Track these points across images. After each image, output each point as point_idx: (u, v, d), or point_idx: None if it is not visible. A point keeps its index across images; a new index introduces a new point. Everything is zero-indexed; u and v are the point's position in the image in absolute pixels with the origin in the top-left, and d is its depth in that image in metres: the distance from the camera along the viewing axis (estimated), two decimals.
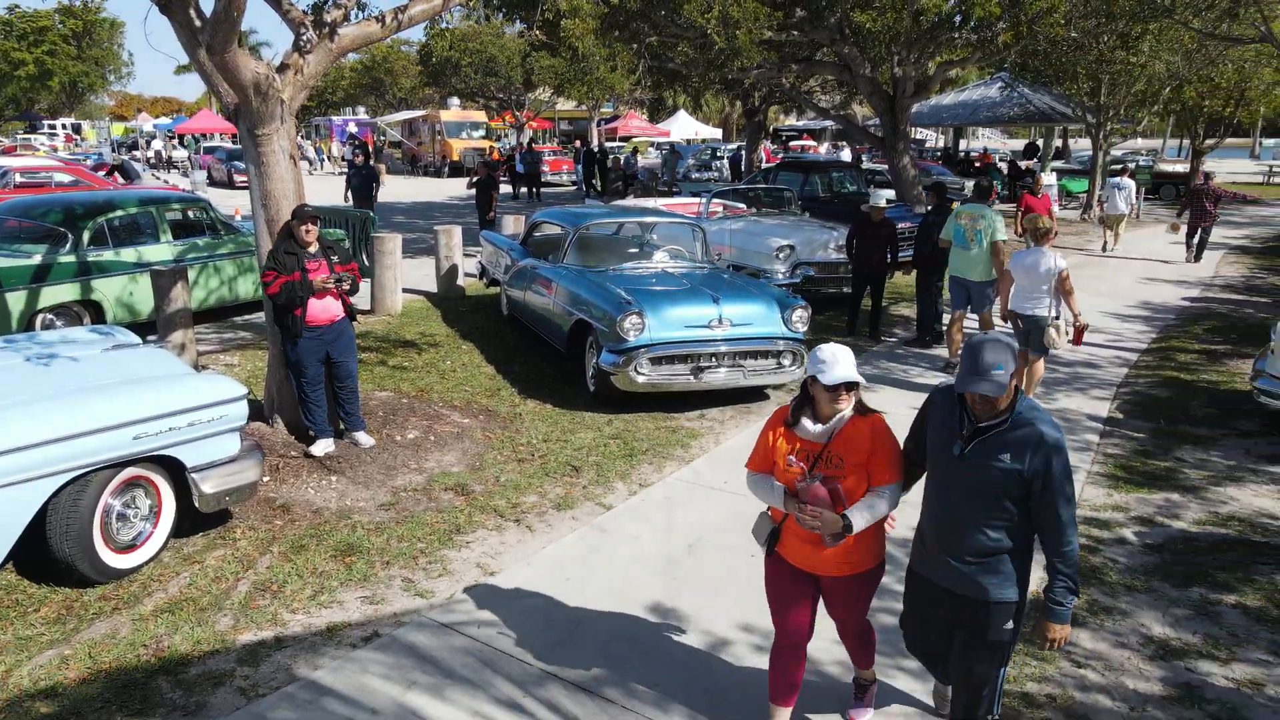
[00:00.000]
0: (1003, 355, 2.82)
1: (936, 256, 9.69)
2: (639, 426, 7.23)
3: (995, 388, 2.80)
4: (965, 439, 2.96)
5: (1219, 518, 5.65)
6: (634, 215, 10.16)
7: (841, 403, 3.11)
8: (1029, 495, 2.89)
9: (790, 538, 3.29)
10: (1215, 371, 9.01)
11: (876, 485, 3.16)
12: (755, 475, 3.38)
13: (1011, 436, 2.89)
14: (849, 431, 3.14)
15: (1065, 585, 2.97)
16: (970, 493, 2.97)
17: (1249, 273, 15.51)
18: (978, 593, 3.05)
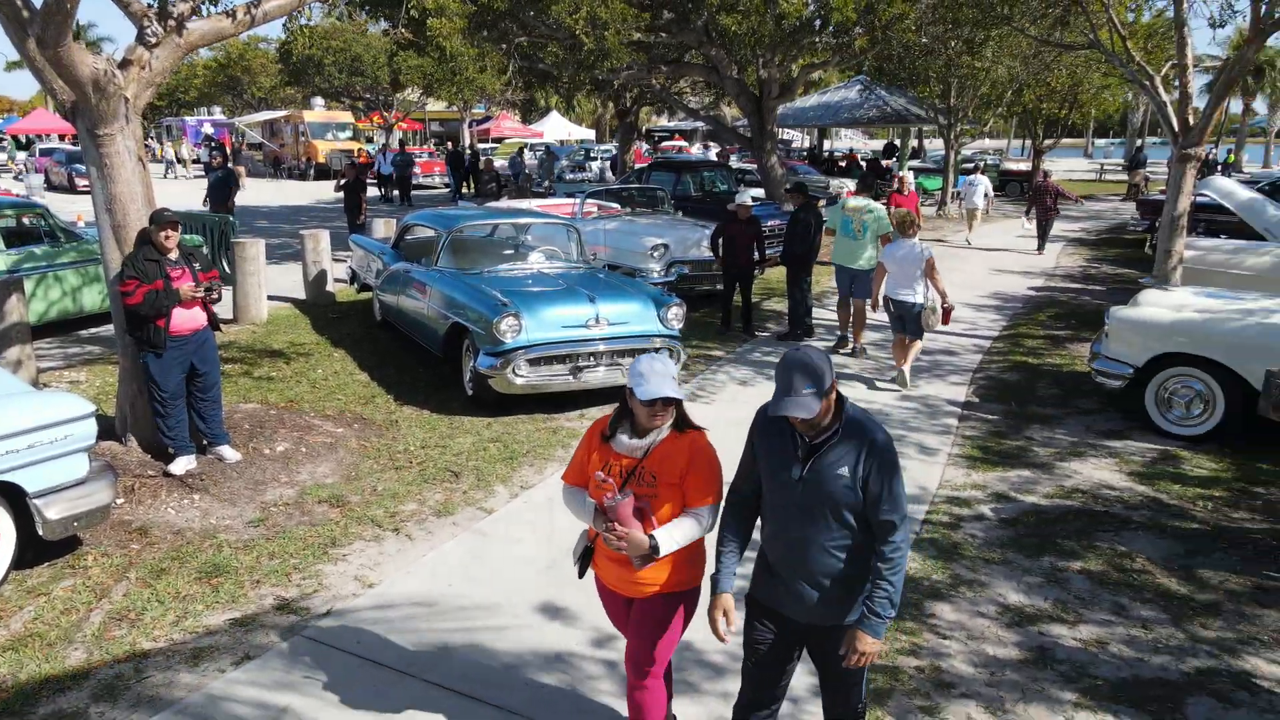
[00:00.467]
0: (811, 373, 2.64)
1: (806, 253, 10.03)
2: (519, 429, 7.18)
3: (805, 409, 2.63)
4: (802, 460, 2.78)
5: (1065, 490, 6.08)
6: (508, 216, 10.08)
7: (658, 419, 2.93)
8: (866, 504, 2.76)
9: (602, 558, 3.12)
10: (1058, 355, 9.67)
11: (691, 506, 2.98)
12: (569, 489, 3.18)
13: (844, 446, 2.74)
14: (666, 448, 2.96)
15: (886, 596, 2.76)
16: (815, 514, 2.79)
17: (1085, 263, 16.71)
18: (832, 619, 2.87)
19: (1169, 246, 9.37)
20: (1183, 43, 9.21)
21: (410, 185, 24.81)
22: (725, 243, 10.23)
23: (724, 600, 2.95)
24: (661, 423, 2.95)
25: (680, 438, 2.99)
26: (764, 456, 2.90)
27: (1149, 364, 7.11)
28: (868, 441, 2.74)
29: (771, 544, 2.96)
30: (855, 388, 8.40)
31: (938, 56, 19.06)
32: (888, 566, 2.75)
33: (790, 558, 2.87)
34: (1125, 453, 6.80)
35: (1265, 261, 9.71)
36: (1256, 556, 5.10)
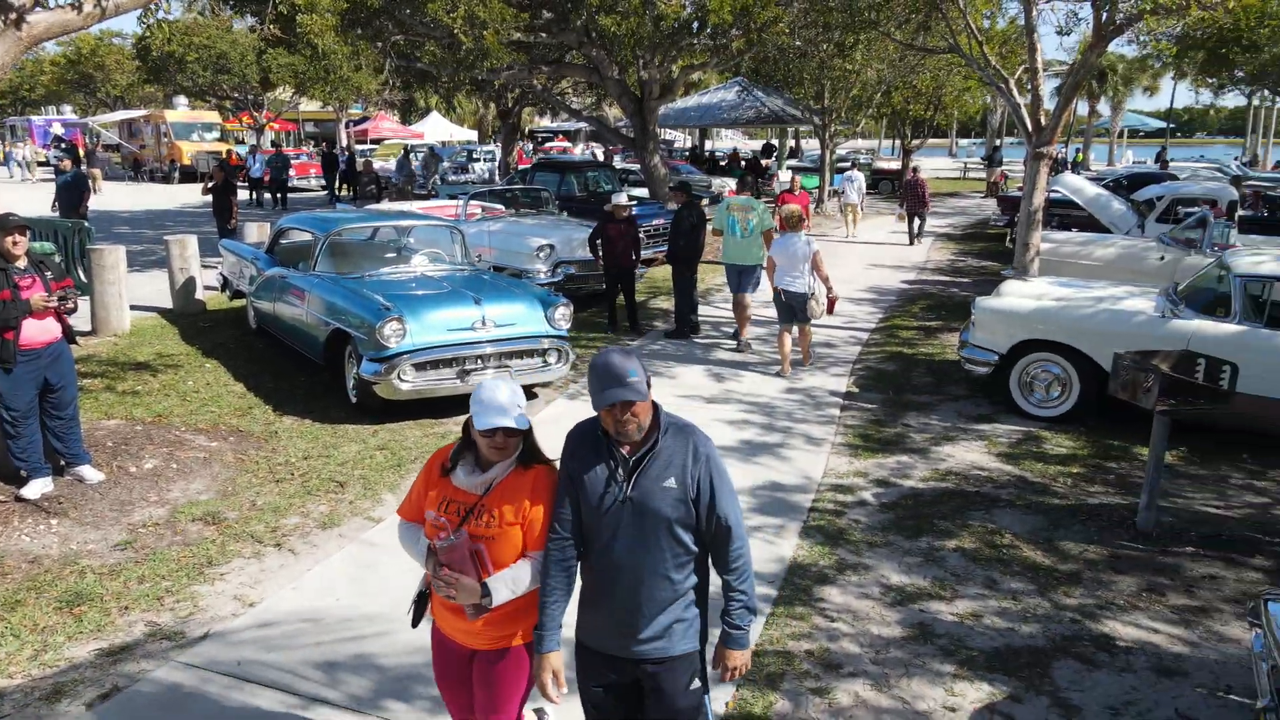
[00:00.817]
0: (631, 363, 2.49)
1: (690, 251, 10.18)
2: (406, 435, 7.02)
3: (636, 392, 2.44)
4: (625, 478, 2.55)
5: (940, 473, 6.37)
6: (388, 219, 9.84)
7: (500, 451, 2.65)
8: (698, 516, 2.57)
9: (440, 605, 2.81)
10: (931, 345, 10.13)
11: (531, 550, 2.69)
12: (405, 525, 2.88)
13: (667, 456, 2.54)
14: (510, 484, 2.68)
15: (742, 605, 2.64)
16: (646, 536, 2.55)
17: (953, 257, 17.57)
18: (660, 651, 2.62)
19: (1027, 240, 9.95)
20: (1033, 48, 9.80)
21: (286, 188, 23.87)
22: (604, 243, 10.28)
23: (551, 661, 2.66)
24: (505, 455, 2.67)
25: (525, 473, 2.70)
26: (582, 481, 2.60)
27: (1012, 351, 7.53)
28: (691, 448, 2.56)
29: (598, 577, 2.66)
30: (744, 378, 8.58)
31: (811, 59, 19.69)
32: (736, 575, 2.62)
33: (620, 590, 2.60)
34: (993, 435, 7.18)
35: (1111, 253, 10.45)
36: (1111, 527, 5.47)
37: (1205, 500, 5.90)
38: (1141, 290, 7.81)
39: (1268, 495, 6.02)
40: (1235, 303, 6.71)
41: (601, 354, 2.55)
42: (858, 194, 19.96)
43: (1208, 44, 19.00)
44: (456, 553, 2.61)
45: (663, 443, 2.56)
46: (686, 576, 2.62)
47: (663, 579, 2.58)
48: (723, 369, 9.07)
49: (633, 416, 2.49)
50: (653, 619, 2.60)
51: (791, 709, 3.78)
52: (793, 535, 5.39)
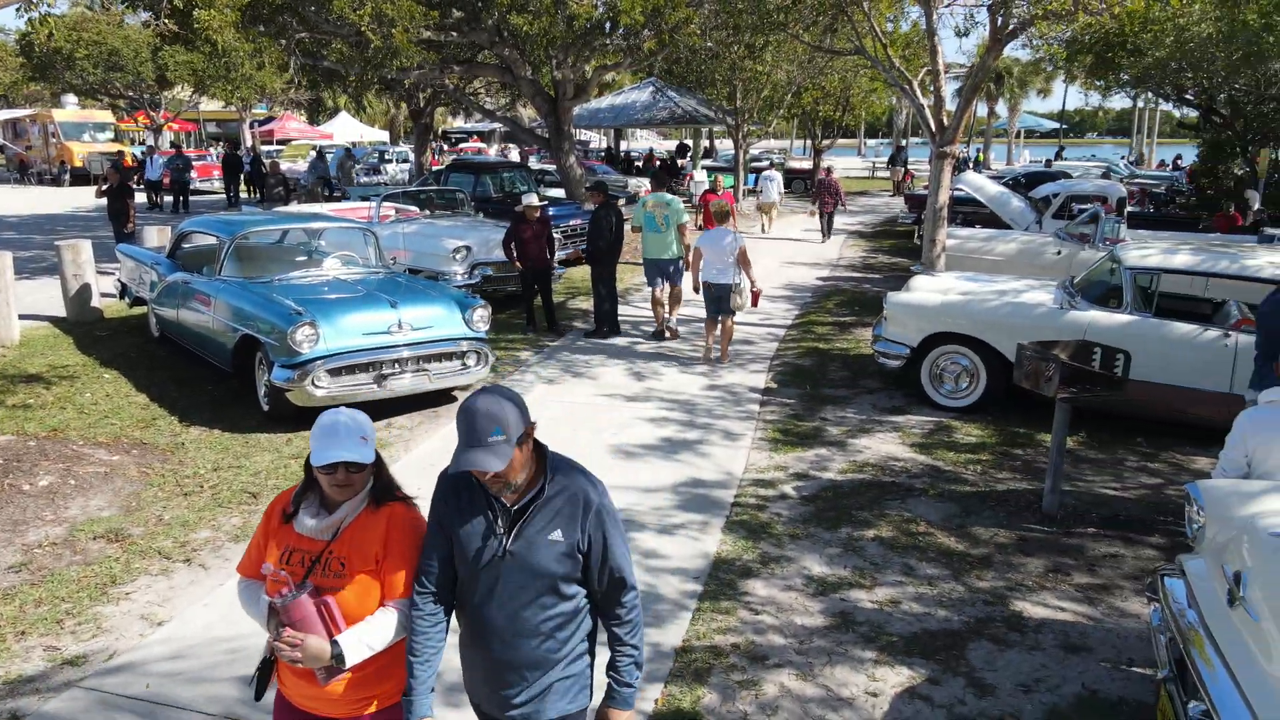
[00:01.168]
0: (498, 417, 2.20)
1: (608, 251, 10.19)
2: None
3: (496, 458, 2.17)
4: (505, 529, 2.32)
5: (857, 465, 6.53)
6: (297, 221, 9.55)
7: (346, 489, 2.36)
8: (588, 570, 2.36)
9: (287, 670, 2.45)
10: (846, 340, 10.37)
11: (390, 599, 2.40)
12: (244, 584, 2.53)
13: (553, 505, 2.32)
14: (360, 525, 2.40)
15: (631, 660, 2.42)
16: (526, 592, 2.32)
17: (865, 254, 18.02)
18: (538, 714, 2.41)
19: (933, 236, 10.28)
20: (934, 51, 10.13)
21: (187, 190, 22.97)
22: (518, 244, 10.23)
23: None
24: (351, 494, 2.38)
25: (378, 512, 2.42)
26: (456, 531, 2.36)
27: (922, 344, 7.76)
28: (582, 496, 2.34)
29: (473, 634, 2.43)
30: (665, 376, 8.63)
31: (723, 60, 19.94)
32: (627, 629, 2.41)
33: (496, 648, 2.38)
34: (906, 426, 7.39)
35: (1012, 248, 10.89)
36: (1019, 512, 5.70)
37: (1104, 483, 6.20)
38: (1041, 284, 8.14)
39: (1160, 476, 6.35)
40: (1126, 294, 7.06)
41: (469, 401, 2.23)
42: (776, 192, 20.70)
43: (1095, 48, 19.95)
44: (300, 609, 2.29)
45: (549, 490, 2.33)
46: (571, 634, 2.40)
47: (544, 637, 2.36)
48: (643, 367, 9.11)
49: (496, 479, 2.24)
50: (532, 680, 2.38)
51: (720, 702, 3.82)
52: (716, 531, 5.45)
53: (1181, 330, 6.78)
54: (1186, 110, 28.64)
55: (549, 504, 2.32)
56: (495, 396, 2.25)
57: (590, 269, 10.53)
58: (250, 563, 2.52)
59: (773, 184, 20.54)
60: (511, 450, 2.20)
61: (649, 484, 6.14)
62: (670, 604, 4.59)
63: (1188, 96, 24.18)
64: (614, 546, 2.36)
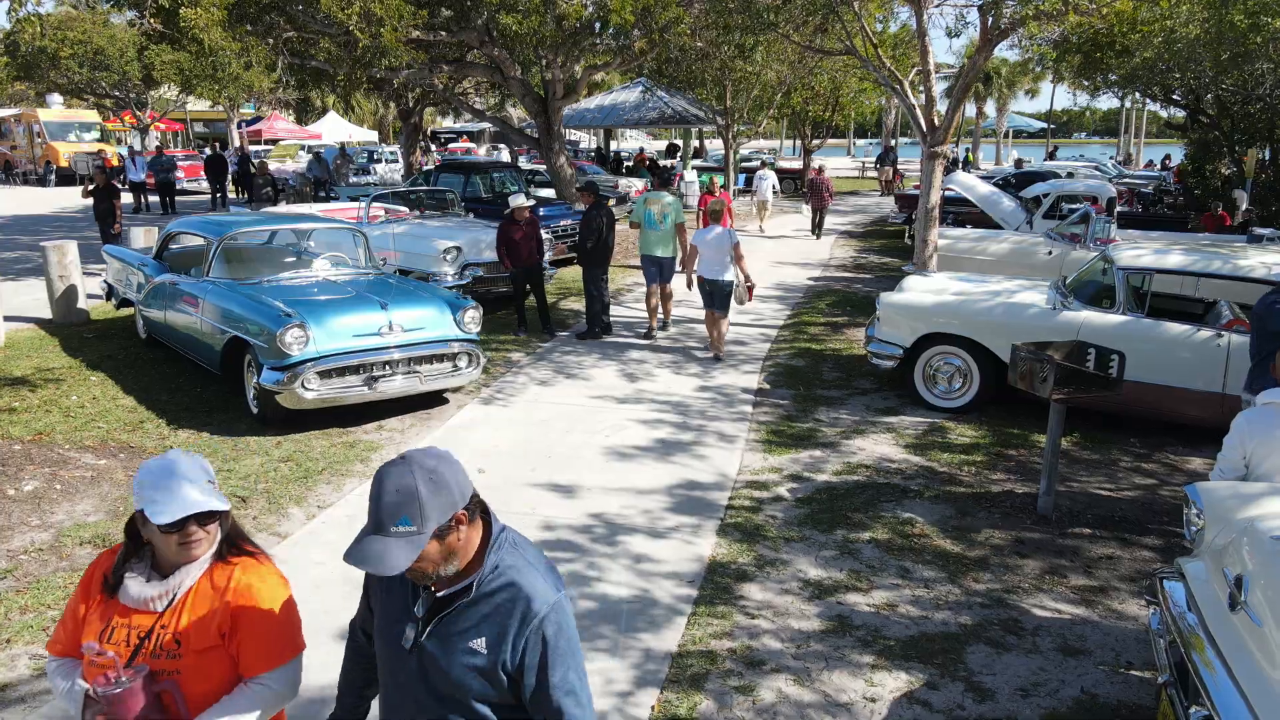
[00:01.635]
0: (413, 496, 1.74)
1: (600, 251, 10.15)
2: (313, 445, 6.77)
3: (398, 555, 1.71)
4: (422, 620, 1.88)
5: (851, 466, 6.51)
6: (286, 221, 9.47)
7: (191, 548, 1.98)
8: (517, 697, 1.87)
9: None
10: (838, 341, 10.35)
11: (248, 676, 2.04)
12: (57, 664, 2.10)
13: (482, 609, 1.84)
14: (201, 592, 2.01)
15: None
16: (431, 700, 1.88)
17: (856, 254, 18.03)
18: None
19: (925, 236, 10.28)
20: (925, 51, 10.12)
21: (173, 191, 22.77)
22: (508, 245, 10.19)
23: None
24: (199, 552, 2.00)
25: (226, 569, 2.05)
26: (376, 596, 1.99)
27: (915, 344, 7.75)
28: (523, 603, 1.82)
29: None
30: (658, 378, 8.59)
31: (713, 60, 19.91)
32: None
33: None
34: (900, 427, 7.37)
35: (1004, 248, 10.91)
36: (1014, 513, 5.68)
37: (1099, 484, 6.19)
38: (1033, 284, 8.14)
39: (1154, 476, 6.35)
40: (1119, 294, 7.06)
41: (380, 472, 1.81)
42: (770, 191, 21.21)
43: (1084, 48, 20.03)
44: (129, 701, 1.86)
45: (483, 588, 1.84)
46: None
47: None
48: (636, 368, 9.07)
49: (415, 572, 1.79)
50: None
51: (716, 709, 3.78)
52: (710, 534, 5.42)
53: (1174, 331, 6.78)
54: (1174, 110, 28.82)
55: (481, 604, 1.84)
56: (415, 470, 1.76)
57: (581, 270, 10.48)
58: (64, 639, 2.08)
59: (766, 182, 21.09)
60: (423, 544, 1.73)
61: (643, 486, 6.10)
62: (664, 609, 4.56)
63: (1175, 97, 24.31)
64: (555, 675, 1.82)
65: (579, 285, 11.48)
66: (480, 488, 3.63)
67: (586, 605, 4.55)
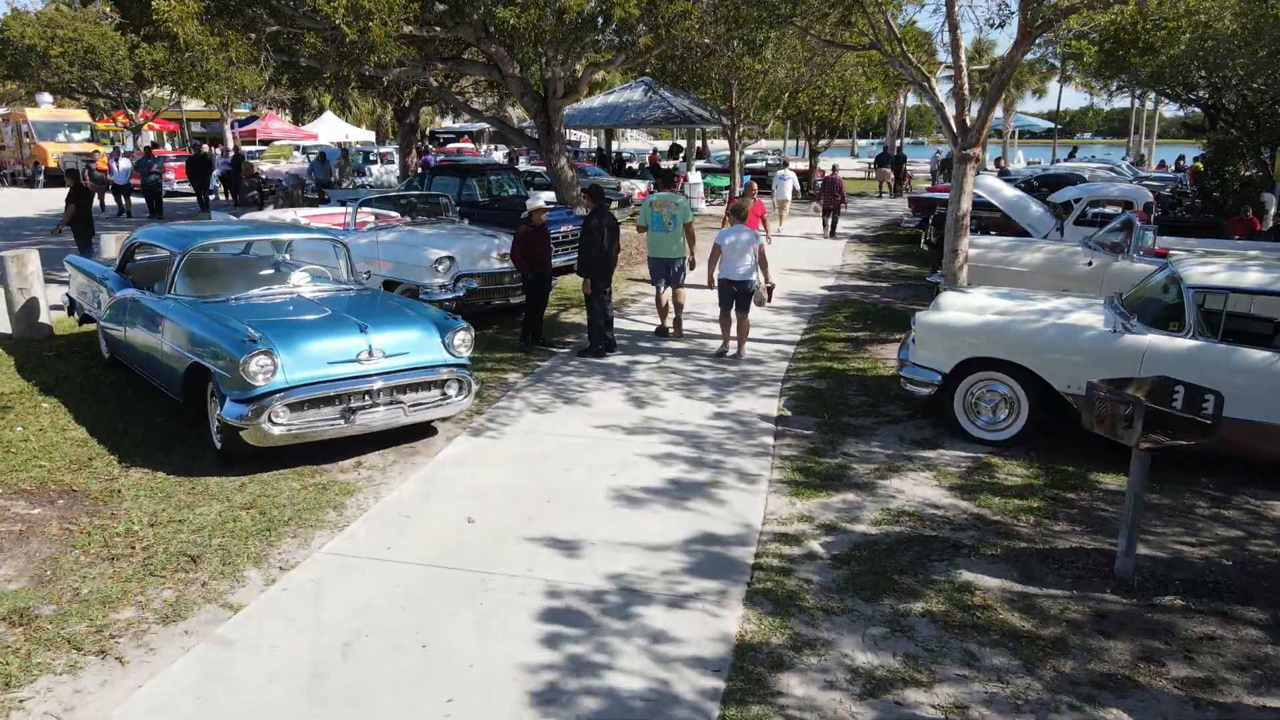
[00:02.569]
0: None
1: (605, 261, 9.38)
2: (281, 487, 5.99)
3: None
4: None
5: (892, 514, 5.72)
6: (257, 232, 8.66)
7: None
8: None
9: None
10: (861, 359, 9.57)
11: None
12: None
13: None
14: None
15: None
16: None
17: (869, 260, 17.23)
18: None
19: (955, 245, 9.49)
20: (956, 44, 9.34)
21: (159, 194, 21.98)
22: (526, 250, 9.47)
23: None
24: None
25: None
26: None
27: (955, 369, 6.97)
28: None
29: None
30: (667, 402, 7.80)
31: (720, 57, 19.12)
32: None
33: None
34: (940, 464, 6.59)
35: (1039, 258, 10.11)
36: (1087, 576, 4.90)
37: (1177, 536, 5.41)
38: (1086, 301, 7.36)
39: (1238, 526, 5.57)
40: (1188, 316, 6.28)
41: None
42: (789, 191, 21.28)
43: (1104, 44, 19.23)
44: None
45: None
46: None
47: None
48: (644, 391, 8.29)
49: None
50: None
51: None
52: (737, 603, 4.63)
53: (1256, 358, 6.00)
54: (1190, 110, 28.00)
55: None
56: None
57: (582, 281, 9.70)
58: None
59: (787, 183, 21.06)
60: None
61: (656, 540, 5.32)
62: (688, 708, 3.77)
63: (1196, 95, 23.50)
64: None
65: (579, 295, 10.71)
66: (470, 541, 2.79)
67: (591, 705, 3.77)
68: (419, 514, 5.67)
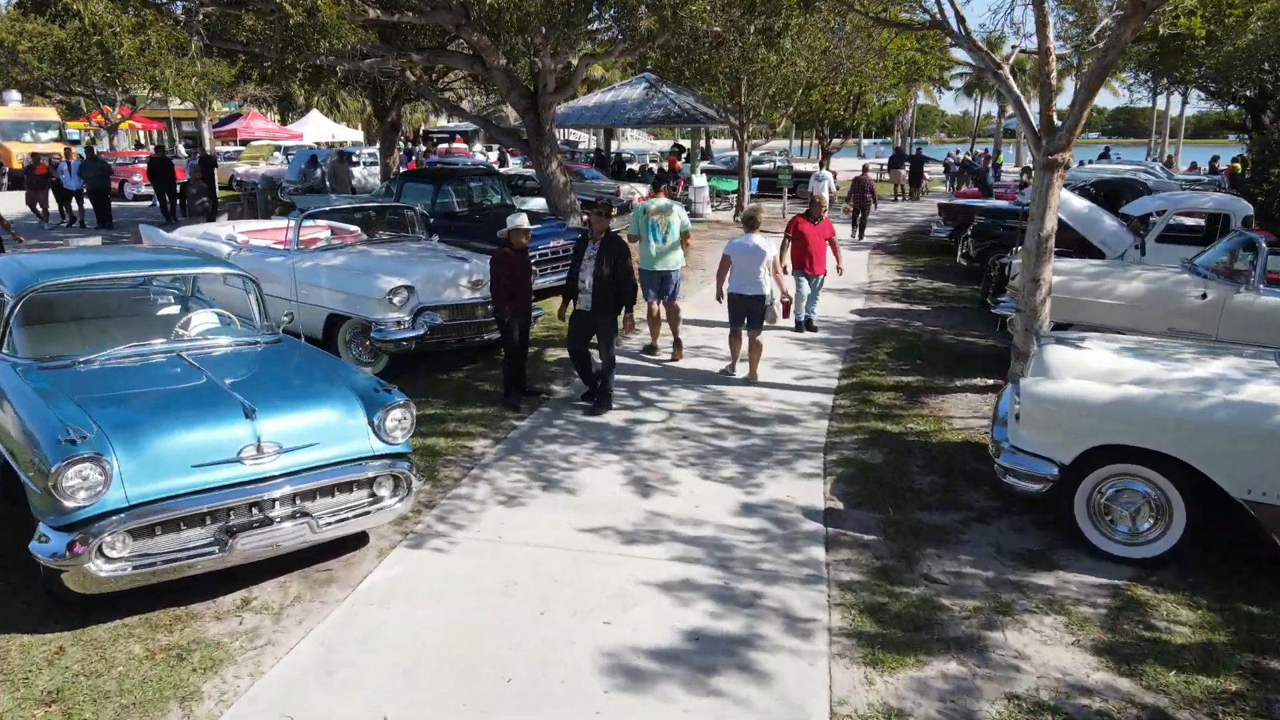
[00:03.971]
0: None
1: (614, 296, 7.45)
2: (116, 654, 4.08)
3: None
4: None
5: (1022, 706, 3.80)
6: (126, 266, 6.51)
7: None
8: None
9: None
10: (919, 416, 7.64)
11: None
12: None
13: None
14: None
15: None
16: None
17: (900, 275, 15.29)
18: None
19: (1037, 273, 7.56)
20: (1043, 21, 7.41)
21: (107, 200, 19.98)
22: (506, 280, 7.59)
23: None
24: None
25: None
26: None
27: (1079, 460, 5.05)
28: None
29: None
30: (678, 486, 5.89)
31: (730, 49, 17.18)
32: None
33: None
34: (1067, 598, 4.68)
35: (1137, 289, 8.14)
36: None
37: None
38: (1252, 360, 5.44)
39: None
40: None
41: None
42: (827, 191, 20.20)
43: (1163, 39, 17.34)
44: None
45: None
46: None
47: None
48: (647, 468, 6.37)
49: None
50: None
51: None
52: None
53: None
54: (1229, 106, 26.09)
55: None
56: None
57: (578, 316, 7.77)
58: None
59: (824, 183, 20.32)
60: None
61: None
62: None
63: (1243, 92, 21.61)
64: None
65: (563, 327, 8.75)
66: None
67: None
68: (308, 709, 3.76)
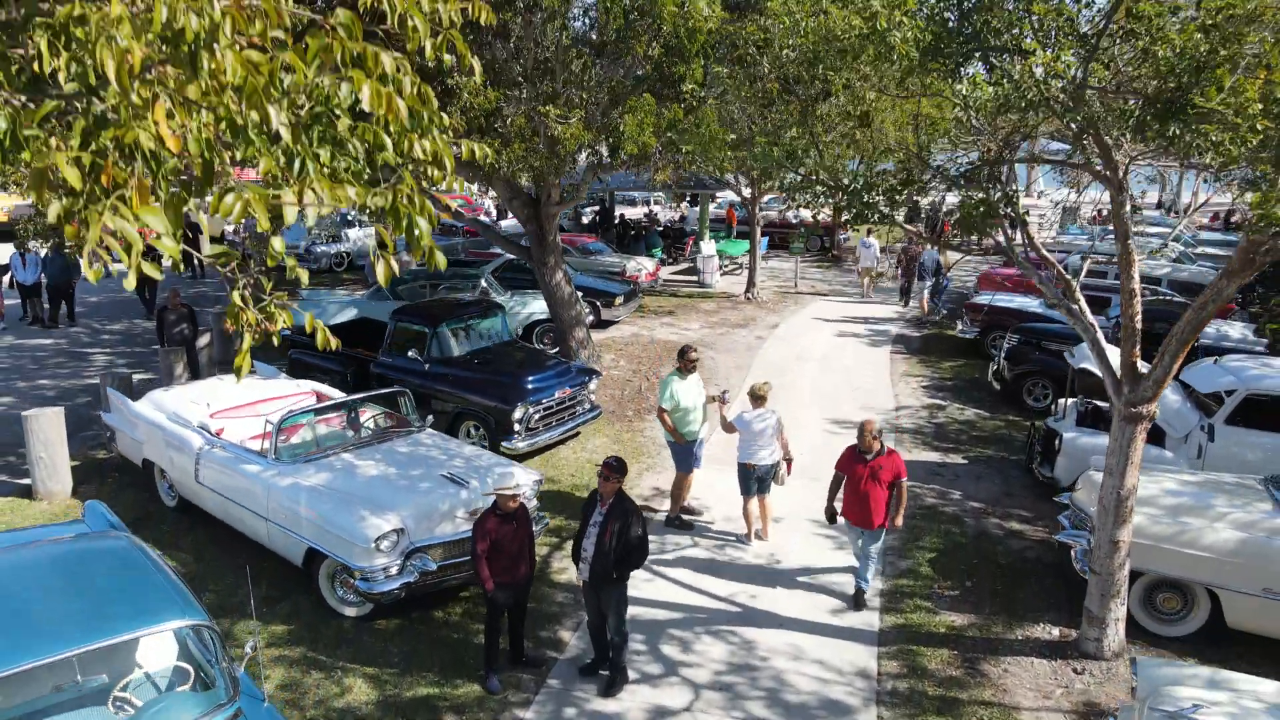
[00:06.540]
0: None
1: (625, 560, 6.46)
2: None
3: None
4: None
5: None
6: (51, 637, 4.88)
7: None
8: None
9: None
10: (981, 705, 6.62)
11: None
12: None
13: None
14: None
15: None
16: None
17: (929, 398, 14.15)
18: None
19: (1115, 535, 6.51)
20: (1128, 261, 6.42)
21: (71, 298, 17.82)
22: (491, 551, 6.59)
23: None
24: None
25: None
26: None
27: None
28: None
29: None
30: None
31: None
32: None
33: None
34: None
35: (1227, 540, 7.01)
36: None
37: None
38: None
39: None
40: None
41: None
42: (873, 258, 21.79)
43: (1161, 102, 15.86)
44: None
45: None
46: None
47: None
48: None
49: None
50: None
51: None
52: None
53: None
54: None
55: None
56: None
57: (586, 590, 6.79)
58: None
59: (871, 250, 21.62)
60: None
61: None
62: None
63: None
64: None
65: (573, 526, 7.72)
66: None
67: None
68: None
